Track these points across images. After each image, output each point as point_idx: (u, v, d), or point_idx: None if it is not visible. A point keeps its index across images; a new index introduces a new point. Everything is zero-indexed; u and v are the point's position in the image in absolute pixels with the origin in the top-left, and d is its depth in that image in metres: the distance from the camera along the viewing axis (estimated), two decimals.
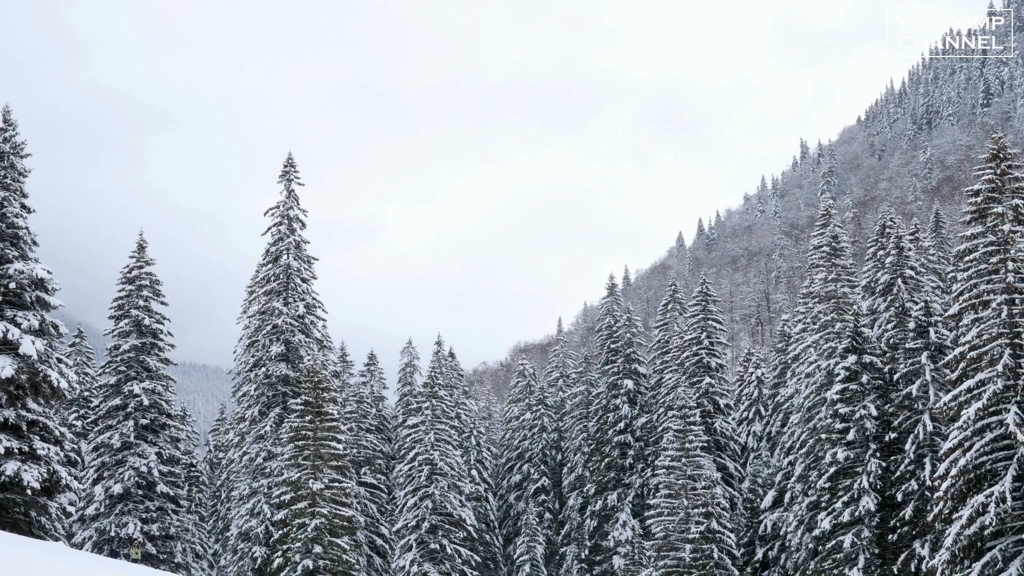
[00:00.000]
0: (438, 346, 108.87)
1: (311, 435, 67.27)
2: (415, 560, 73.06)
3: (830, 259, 75.00)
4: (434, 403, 77.34)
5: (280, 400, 74.61)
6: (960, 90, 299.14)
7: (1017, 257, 46.09)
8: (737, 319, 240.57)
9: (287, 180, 77.22)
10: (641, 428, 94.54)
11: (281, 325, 74.16)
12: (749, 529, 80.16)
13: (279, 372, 73.98)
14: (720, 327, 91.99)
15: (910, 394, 62.27)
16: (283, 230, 76.76)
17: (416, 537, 73.63)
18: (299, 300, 75.85)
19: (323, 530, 64.97)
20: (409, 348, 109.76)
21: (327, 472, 66.96)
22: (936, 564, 46.36)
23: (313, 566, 63.57)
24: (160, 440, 70.08)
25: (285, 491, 66.59)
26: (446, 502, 74.65)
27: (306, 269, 77.30)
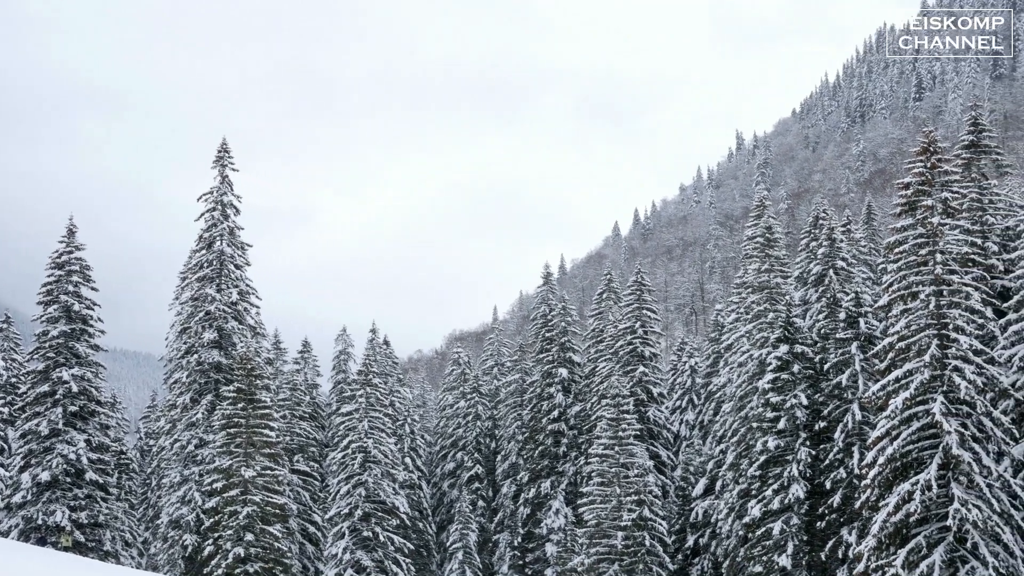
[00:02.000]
0: (373, 334, 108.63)
1: (243, 422, 66.93)
2: (348, 547, 72.86)
3: (764, 250, 75.69)
4: (368, 391, 77.12)
5: (212, 387, 74.11)
6: (893, 84, 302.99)
7: (946, 249, 46.75)
8: (671, 309, 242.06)
9: (221, 166, 76.63)
10: (575, 416, 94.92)
11: (214, 312, 73.64)
12: (681, 517, 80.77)
13: (212, 359, 73.48)
14: (654, 316, 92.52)
15: (840, 383, 63.02)
16: (217, 216, 76.19)
17: (349, 525, 73.42)
18: (232, 287, 75.35)
19: (255, 518, 64.65)
20: (343, 336, 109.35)
21: (259, 460, 66.65)
22: (862, 550, 46.97)
23: (244, 554, 63.26)
24: (89, 427, 69.26)
25: (217, 479, 66.21)
26: (379, 490, 74.50)
27: (240, 255, 76.78)
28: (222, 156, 76.61)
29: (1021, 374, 50.08)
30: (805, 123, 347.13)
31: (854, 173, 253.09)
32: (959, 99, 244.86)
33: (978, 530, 43.57)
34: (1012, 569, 43.69)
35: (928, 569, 43.63)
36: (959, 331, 46.05)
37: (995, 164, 64.82)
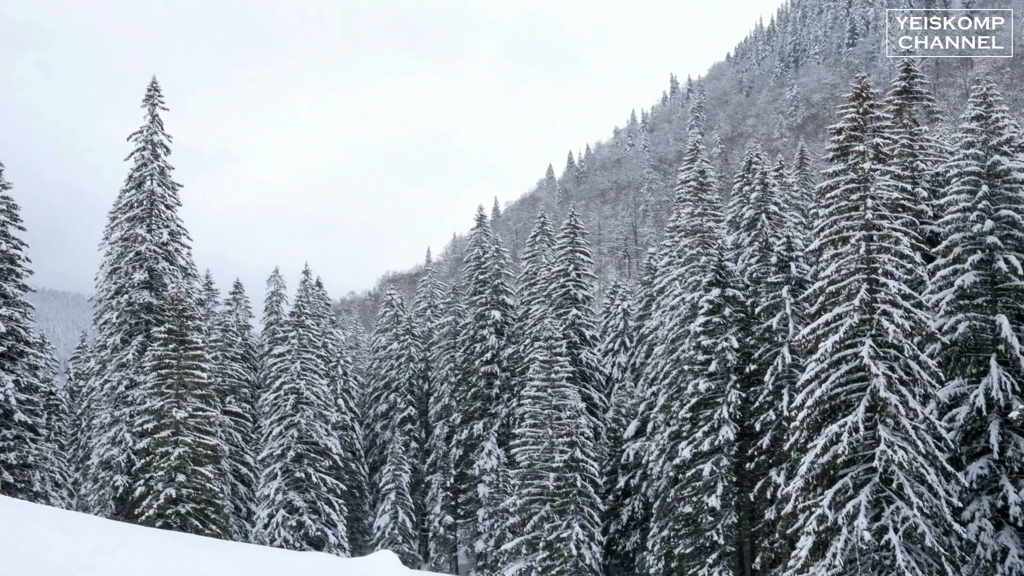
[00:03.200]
0: (306, 275, 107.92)
1: (175, 363, 66.46)
2: (280, 488, 72.80)
3: (697, 194, 75.92)
4: (301, 332, 76.78)
5: (143, 328, 73.44)
6: (827, 29, 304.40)
7: (876, 195, 47.11)
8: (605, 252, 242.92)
9: (151, 104, 75.54)
10: (508, 359, 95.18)
11: (144, 252, 72.85)
12: (612, 458, 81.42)
13: (142, 300, 72.76)
14: (588, 259, 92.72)
15: (771, 327, 63.63)
16: (147, 155, 75.19)
17: (281, 466, 73.32)
18: (163, 227, 74.52)
19: (187, 459, 64.39)
20: (276, 277, 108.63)
21: (191, 401, 66.29)
22: (791, 491, 47.57)
23: (176, 495, 63.04)
24: (18, 368, 68.30)
25: (148, 420, 65.79)
26: (312, 431, 74.38)
27: (170, 195, 75.90)
28: (152, 95, 75.48)
29: (948, 318, 50.81)
30: (739, 68, 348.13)
31: (787, 118, 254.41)
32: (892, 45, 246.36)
33: (903, 471, 44.27)
34: (935, 509, 44.50)
35: (854, 509, 44.31)
36: (888, 276, 46.54)
37: (926, 111, 65.44)
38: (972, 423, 50.17)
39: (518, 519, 69.41)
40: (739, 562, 66.47)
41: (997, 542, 48.20)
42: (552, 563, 66.90)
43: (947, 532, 45.32)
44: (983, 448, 49.90)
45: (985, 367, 50.29)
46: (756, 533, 64.43)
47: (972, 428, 50.39)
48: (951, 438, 48.07)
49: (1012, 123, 55.92)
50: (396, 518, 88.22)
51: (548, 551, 67.11)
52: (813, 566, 45.38)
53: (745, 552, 66.95)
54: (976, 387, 49.90)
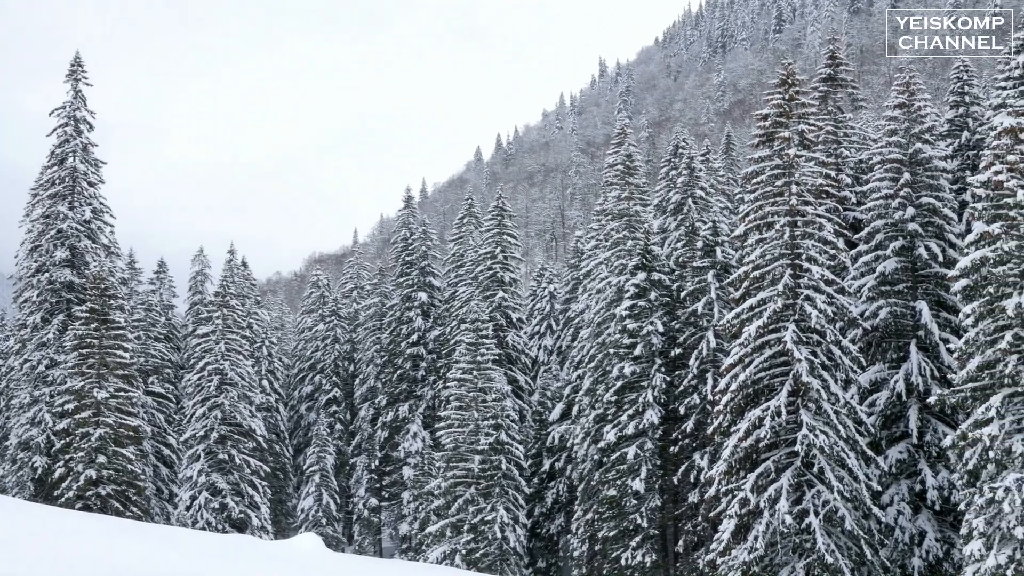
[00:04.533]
0: (231, 255, 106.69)
1: (96, 343, 65.59)
2: (203, 470, 72.13)
3: (624, 177, 76.08)
4: (225, 312, 76.05)
5: (64, 307, 72.43)
6: (754, 15, 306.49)
7: (801, 181, 47.49)
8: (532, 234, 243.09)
9: (74, 80, 74.44)
10: (434, 341, 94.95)
11: (66, 230, 71.80)
12: (538, 441, 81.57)
13: (63, 278, 71.74)
14: (515, 242, 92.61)
15: (696, 311, 63.98)
16: (69, 132, 74.10)
17: (204, 447, 72.63)
18: (86, 204, 73.50)
19: (108, 440, 63.63)
20: (200, 256, 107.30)
21: (113, 381, 65.49)
22: (714, 474, 47.94)
23: (96, 476, 62.28)
24: None
25: (68, 400, 64.90)
26: (236, 412, 73.75)
27: (93, 173, 74.86)
28: (75, 70, 74.35)
29: (870, 304, 51.41)
30: (668, 52, 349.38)
31: (714, 103, 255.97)
32: (818, 32, 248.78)
33: (824, 455, 44.75)
34: (855, 493, 45.05)
35: (776, 493, 44.74)
36: (812, 261, 46.97)
37: (851, 98, 66.05)
38: (892, 408, 50.86)
39: (443, 502, 69.30)
40: (662, 545, 66.89)
41: (915, 525, 48.93)
42: (476, 546, 66.90)
43: (866, 516, 45.93)
44: (902, 433, 50.61)
45: (905, 352, 50.97)
46: (679, 516, 64.87)
47: (892, 413, 51.08)
48: (871, 423, 48.68)
49: (933, 112, 56.66)
50: (320, 500, 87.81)
51: (472, 534, 67.10)
52: (735, 549, 45.78)
53: (668, 535, 67.38)
54: (896, 372, 50.59)
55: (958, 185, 58.60)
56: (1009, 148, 37.12)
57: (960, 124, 63.75)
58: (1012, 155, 36.79)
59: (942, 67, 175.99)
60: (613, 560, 63.56)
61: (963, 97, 64.17)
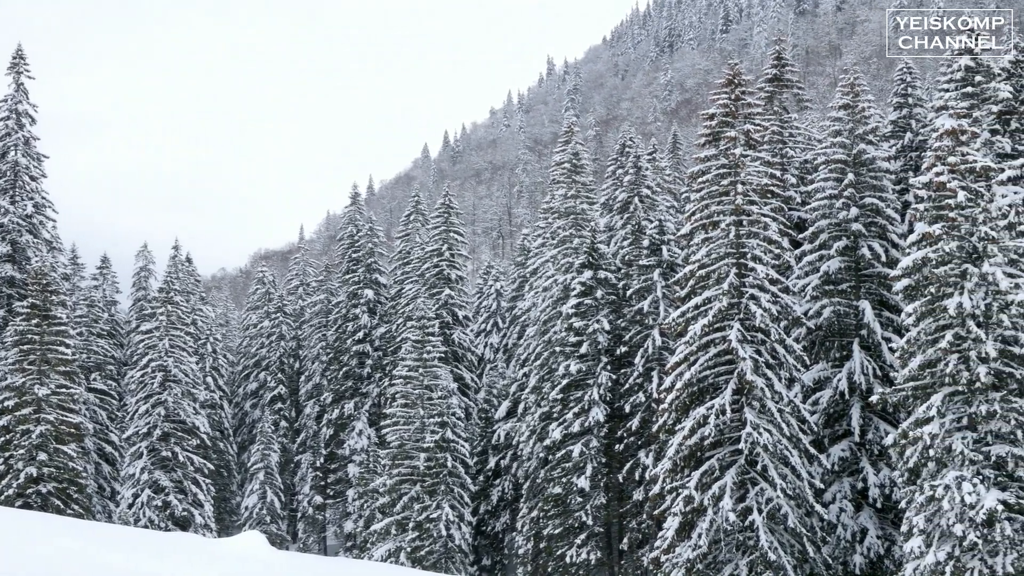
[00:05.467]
0: (175, 251, 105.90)
1: (38, 339, 64.88)
2: (146, 467, 71.56)
3: (571, 176, 76.22)
4: (169, 309, 75.45)
5: (5, 302, 71.73)
6: (701, 15, 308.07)
7: (746, 180, 47.75)
8: (479, 232, 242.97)
9: (16, 73, 73.73)
10: (380, 338, 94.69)
11: (7, 224, 71.11)
12: (483, 438, 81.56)
13: (4, 273, 71.10)
14: (462, 239, 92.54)
15: (642, 309, 64.21)
16: (11, 125, 73.36)
17: (147, 444, 72.05)
18: (27, 199, 72.85)
19: (49, 437, 62.98)
20: (144, 252, 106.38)
21: (54, 377, 64.82)
22: (658, 472, 48.12)
23: (37, 473, 61.66)
24: None
25: (8, 396, 64.16)
26: (179, 409, 73.21)
27: (35, 167, 74.17)
28: (17, 63, 73.61)
29: (813, 303, 51.80)
30: (615, 51, 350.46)
31: (661, 102, 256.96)
32: (764, 33, 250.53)
33: (768, 453, 45.06)
34: (798, 491, 45.39)
35: (720, 491, 44.99)
36: (757, 260, 47.27)
37: (796, 98, 66.54)
38: (835, 406, 51.29)
39: (388, 499, 69.13)
40: (607, 542, 67.12)
41: (857, 523, 49.37)
42: (421, 544, 66.78)
43: (809, 513, 46.29)
44: (845, 431, 51.04)
45: (848, 351, 51.41)
46: (624, 514, 65.10)
47: (835, 411, 51.51)
48: (815, 421, 49.06)
49: (877, 113, 57.25)
50: (264, 498, 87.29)
51: (418, 531, 66.98)
52: (679, 546, 46.00)
53: (613, 533, 67.64)
54: (839, 371, 51.02)
55: (901, 186, 59.20)
56: (950, 150, 37.52)
57: (903, 125, 64.43)
58: (953, 157, 37.19)
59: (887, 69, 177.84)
60: (558, 558, 63.68)
61: (906, 99, 64.85)
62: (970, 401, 35.95)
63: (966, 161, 37.05)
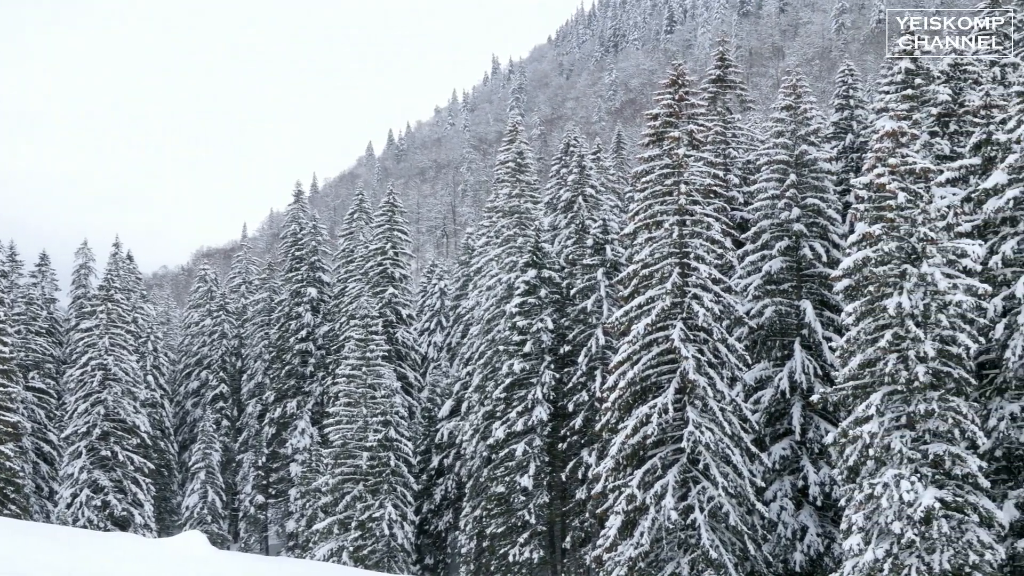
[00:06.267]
0: (116, 248, 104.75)
1: None
2: (85, 467, 70.82)
3: (515, 175, 76.29)
4: (110, 307, 74.71)
5: None
6: (646, 16, 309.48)
7: (690, 180, 47.98)
8: (423, 230, 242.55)
9: None
10: (323, 336, 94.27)
11: None
12: (427, 437, 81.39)
13: None
14: (406, 238, 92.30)
15: (585, 308, 64.34)
16: None
17: (87, 444, 71.30)
18: None
19: None
20: (85, 249, 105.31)
21: None
22: (601, 471, 48.22)
23: None
24: None
25: None
26: (120, 408, 72.50)
27: None
28: None
29: (756, 303, 52.14)
30: (560, 51, 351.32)
31: (606, 102, 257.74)
32: (708, 34, 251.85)
33: (710, 452, 45.29)
34: (740, 489, 45.67)
35: (662, 489, 45.16)
36: (699, 260, 47.50)
37: (739, 99, 66.95)
38: (776, 405, 51.64)
39: (330, 499, 68.82)
40: (550, 541, 67.22)
41: (797, 521, 49.75)
42: (364, 543, 66.56)
43: (750, 511, 46.58)
44: (786, 430, 51.42)
45: (790, 351, 51.79)
46: (567, 512, 65.22)
47: (776, 410, 51.86)
48: (756, 420, 49.39)
49: (819, 114, 57.70)
50: (206, 498, 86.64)
51: (360, 531, 66.75)
52: (621, 545, 46.13)
53: (556, 531, 67.75)
54: (781, 370, 51.37)
55: (842, 187, 59.77)
56: (891, 151, 37.86)
57: (845, 127, 65.06)
58: (893, 158, 37.53)
59: (829, 70, 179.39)
60: (501, 556, 63.69)
61: (848, 100, 65.49)
62: (908, 400, 36.30)
63: (906, 163, 37.41)
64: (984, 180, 41.87)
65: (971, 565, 34.58)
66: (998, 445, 39.52)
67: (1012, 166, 39.94)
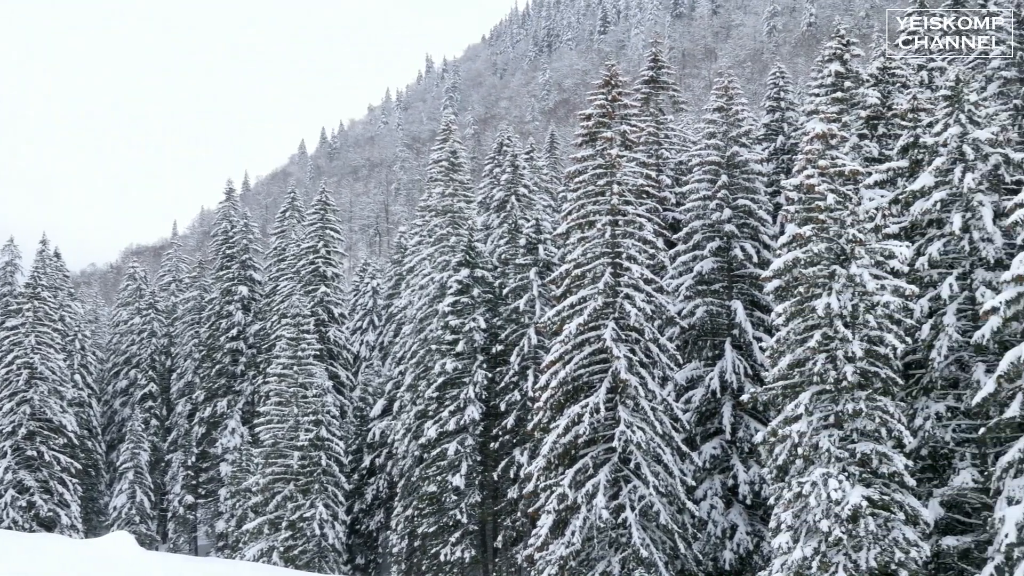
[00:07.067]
0: (43, 245, 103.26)
1: None
2: (9, 467, 69.83)
3: (448, 174, 76.21)
4: (36, 305, 73.76)
5: None
6: (580, 16, 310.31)
7: (622, 181, 48.19)
8: (356, 229, 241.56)
9: None
10: (254, 335, 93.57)
11: None
12: (358, 437, 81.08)
13: None
14: (338, 236, 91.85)
15: (518, 308, 64.39)
16: None
17: (11, 444, 70.32)
18: None
19: None
20: (11, 247, 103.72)
21: None
22: (533, 470, 48.30)
23: None
24: None
25: None
26: (46, 407, 71.60)
27: None
28: None
29: (687, 303, 52.48)
30: (494, 50, 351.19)
31: (540, 102, 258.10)
32: (641, 35, 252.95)
33: (641, 451, 45.50)
34: (671, 488, 45.93)
35: (593, 488, 45.31)
36: (632, 260, 47.72)
37: (672, 100, 67.31)
38: (707, 404, 52.01)
39: (261, 498, 68.34)
40: (481, 540, 67.21)
41: (727, 519, 50.12)
42: (294, 543, 66.16)
43: (681, 510, 46.87)
44: (716, 429, 51.79)
45: (720, 351, 52.18)
46: (499, 512, 65.23)
47: (707, 409, 52.23)
48: (687, 419, 49.70)
49: (751, 116, 58.22)
50: (134, 498, 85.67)
51: (291, 531, 66.34)
52: (553, 544, 46.22)
53: (488, 531, 67.73)
54: (712, 370, 51.75)
55: (773, 188, 60.28)
56: (820, 153, 38.24)
57: (776, 129, 65.65)
58: (823, 160, 37.90)
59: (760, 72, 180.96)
60: (432, 556, 63.59)
61: (779, 103, 66.11)
62: (837, 399, 36.66)
63: (835, 164, 37.80)
64: (911, 182, 42.37)
65: (897, 562, 34.99)
66: (924, 444, 39.99)
67: (939, 169, 40.43)
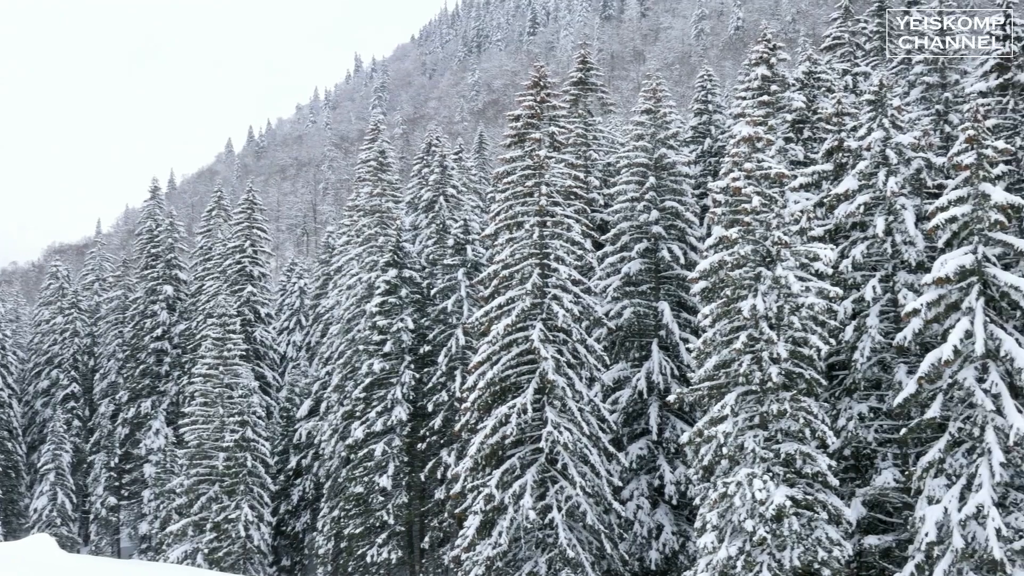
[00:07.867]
0: None
1: None
2: None
3: (376, 174, 75.91)
4: None
5: None
6: (509, 17, 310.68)
7: (551, 182, 48.26)
8: (283, 229, 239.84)
9: None
10: (179, 335, 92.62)
11: None
12: (285, 438, 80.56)
13: None
14: (265, 236, 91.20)
15: (446, 309, 64.34)
16: None
17: None
18: None
19: None
20: None
21: None
22: (460, 471, 48.23)
23: None
24: None
25: None
26: None
27: None
28: None
29: (615, 304, 52.67)
30: (424, 50, 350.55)
31: (469, 102, 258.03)
32: (570, 37, 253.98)
33: (568, 451, 45.61)
34: (597, 488, 46.07)
35: (520, 489, 45.33)
36: (560, 261, 47.84)
37: (600, 102, 67.56)
38: (634, 405, 52.24)
39: (185, 500, 67.66)
40: (408, 541, 67.05)
41: (653, 519, 50.37)
42: (219, 544, 65.55)
43: (607, 510, 47.04)
44: (643, 429, 52.04)
45: (648, 351, 52.43)
46: (426, 513, 65.13)
47: (634, 410, 52.47)
48: (614, 420, 49.89)
49: (678, 119, 58.70)
50: (55, 500, 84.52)
51: (216, 532, 65.72)
52: (479, 544, 46.18)
53: (415, 532, 67.59)
54: (639, 371, 51.98)
55: (700, 190, 60.76)
56: (747, 156, 38.58)
57: (703, 131, 66.16)
58: (749, 163, 38.25)
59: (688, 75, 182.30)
60: (359, 557, 63.32)
61: (707, 105, 66.63)
62: (762, 400, 37.01)
63: (761, 167, 38.17)
64: (836, 186, 42.92)
65: (820, 562, 35.39)
66: (847, 444, 40.50)
67: (862, 172, 40.97)
